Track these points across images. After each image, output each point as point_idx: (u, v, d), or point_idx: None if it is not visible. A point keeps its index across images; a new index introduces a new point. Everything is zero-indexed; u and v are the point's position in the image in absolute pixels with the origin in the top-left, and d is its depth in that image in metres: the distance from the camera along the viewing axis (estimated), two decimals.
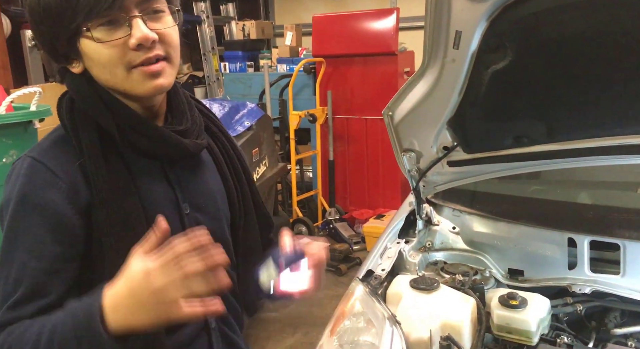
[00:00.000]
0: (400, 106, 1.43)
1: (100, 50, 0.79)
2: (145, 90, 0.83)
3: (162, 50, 0.81)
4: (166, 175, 0.90)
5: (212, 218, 0.96)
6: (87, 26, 0.77)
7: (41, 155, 0.83)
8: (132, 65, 0.80)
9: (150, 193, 0.87)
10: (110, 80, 0.82)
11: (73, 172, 0.82)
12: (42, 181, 0.80)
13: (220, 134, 1.04)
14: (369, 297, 1.39)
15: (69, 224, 0.80)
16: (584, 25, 1.12)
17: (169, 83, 0.85)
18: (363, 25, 4.23)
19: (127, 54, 0.79)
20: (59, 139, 0.85)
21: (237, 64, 5.24)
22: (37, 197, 0.79)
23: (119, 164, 0.84)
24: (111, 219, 0.81)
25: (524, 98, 1.32)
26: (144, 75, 0.81)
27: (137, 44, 0.78)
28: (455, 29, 1.19)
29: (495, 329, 1.34)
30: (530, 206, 1.74)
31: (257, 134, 2.88)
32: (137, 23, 0.78)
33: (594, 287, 1.41)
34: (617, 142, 1.33)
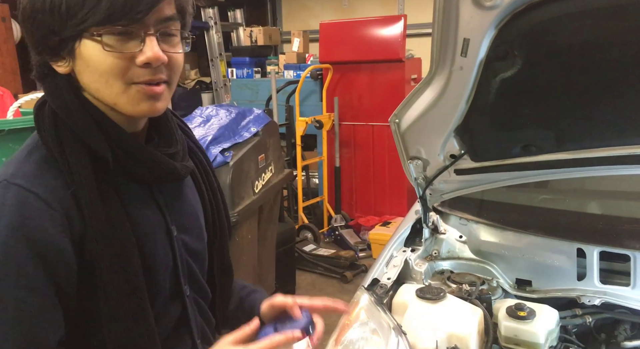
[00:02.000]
0: (407, 114, 1.42)
1: (103, 58, 0.73)
2: (138, 110, 0.78)
3: (166, 74, 0.78)
4: (155, 198, 0.86)
5: (197, 238, 0.94)
6: (99, 31, 0.72)
7: (29, 183, 0.74)
8: (133, 82, 0.75)
9: (141, 219, 0.83)
10: (101, 91, 0.76)
11: (65, 201, 0.75)
12: (34, 211, 0.72)
13: (197, 150, 0.99)
14: (374, 306, 1.37)
15: (66, 258, 0.75)
16: (595, 33, 1.11)
17: (163, 107, 0.81)
18: (370, 32, 4.23)
19: (131, 68, 0.74)
20: (44, 162, 0.77)
21: (244, 70, 5.26)
22: (30, 230, 0.72)
23: (111, 191, 0.78)
24: (108, 251, 0.77)
25: (533, 106, 1.30)
26: (142, 94, 0.76)
27: (145, 62, 0.74)
28: (464, 37, 1.18)
29: (502, 341, 1.31)
30: (539, 215, 1.72)
31: (264, 140, 2.87)
32: (152, 41, 0.74)
33: (603, 298, 1.38)
34: (627, 152, 1.31)
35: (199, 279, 0.95)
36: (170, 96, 0.81)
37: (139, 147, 0.81)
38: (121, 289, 0.77)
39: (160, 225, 0.86)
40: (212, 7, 5.76)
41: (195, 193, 0.97)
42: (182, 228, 0.90)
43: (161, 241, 0.85)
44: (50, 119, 0.78)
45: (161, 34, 0.76)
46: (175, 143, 0.88)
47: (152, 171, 0.82)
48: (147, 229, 0.83)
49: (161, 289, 0.85)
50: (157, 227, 0.85)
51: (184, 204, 0.92)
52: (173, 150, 0.87)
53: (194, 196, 0.96)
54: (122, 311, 0.78)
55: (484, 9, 1.12)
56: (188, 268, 0.91)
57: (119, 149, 0.79)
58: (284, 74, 5.01)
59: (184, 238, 0.90)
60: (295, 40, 5.21)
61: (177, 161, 0.87)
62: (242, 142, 2.70)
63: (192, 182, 0.96)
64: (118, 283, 0.77)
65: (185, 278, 0.90)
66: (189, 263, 0.91)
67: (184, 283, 0.90)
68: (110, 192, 0.78)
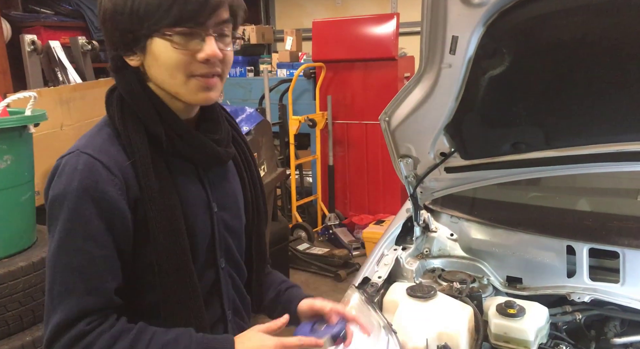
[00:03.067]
0: (397, 112, 1.42)
1: (171, 54, 0.86)
2: (196, 99, 0.91)
3: (220, 68, 0.90)
4: (200, 177, 0.98)
5: (235, 217, 1.05)
6: (170, 31, 0.84)
7: (96, 152, 0.88)
8: (193, 75, 0.88)
9: (186, 192, 0.95)
10: (167, 82, 0.89)
11: (125, 170, 0.89)
12: (100, 176, 0.86)
13: (241, 141, 1.11)
14: (365, 305, 1.37)
15: (124, 218, 0.88)
16: (582, 30, 1.11)
17: (216, 97, 0.93)
18: (363, 30, 4.23)
19: (192, 63, 0.87)
20: (109, 137, 0.91)
21: (237, 69, 5.24)
22: (98, 192, 0.85)
23: (163, 166, 0.92)
24: (160, 215, 0.89)
25: (522, 104, 1.30)
26: (200, 85, 0.89)
27: (206, 58, 0.86)
28: (452, 34, 1.18)
29: (492, 339, 1.32)
30: (529, 213, 1.73)
31: (256, 139, 2.86)
32: (211, 40, 0.87)
33: (593, 295, 1.39)
34: (616, 149, 1.32)
35: (234, 254, 1.05)
36: (222, 88, 0.94)
37: (189, 131, 0.94)
38: (169, 247, 0.90)
39: (202, 200, 0.97)
40: None
41: (236, 178, 1.07)
42: (223, 206, 1.01)
43: (202, 213, 0.97)
44: (118, 103, 0.93)
45: (218, 35, 0.88)
46: (220, 131, 1.00)
47: (198, 152, 0.95)
48: (191, 201, 0.95)
49: (199, 255, 0.96)
50: (200, 201, 0.97)
51: (226, 186, 1.04)
52: (218, 136, 0.98)
53: (235, 181, 1.07)
54: (171, 266, 0.90)
55: (472, 6, 1.12)
56: (225, 242, 1.02)
57: (171, 131, 0.92)
58: (277, 72, 4.99)
59: (223, 215, 1.01)
60: (288, 39, 5.19)
61: (221, 146, 0.99)
62: None
63: (234, 169, 1.08)
64: (167, 242, 0.89)
65: (222, 250, 1.01)
66: (225, 237, 1.02)
67: (219, 255, 1.00)
68: (162, 167, 0.92)
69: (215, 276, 1.01)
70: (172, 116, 0.93)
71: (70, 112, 2.74)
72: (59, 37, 3.93)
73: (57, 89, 2.75)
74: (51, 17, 4.72)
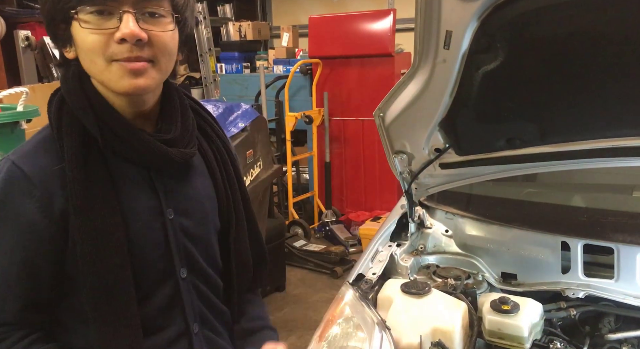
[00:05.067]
0: (392, 107, 1.41)
1: (85, 36, 0.79)
2: (122, 86, 0.81)
3: (148, 53, 0.80)
4: (151, 181, 0.89)
5: (198, 223, 0.95)
6: (76, 10, 0.77)
7: (20, 159, 0.82)
8: (113, 59, 0.79)
9: (131, 200, 0.86)
10: (91, 70, 0.82)
11: (50, 178, 0.81)
12: (17, 188, 0.80)
13: (217, 137, 1.02)
14: (359, 302, 1.36)
15: (39, 232, 0.81)
16: (576, 25, 1.10)
17: (148, 85, 0.83)
18: (360, 27, 4.21)
19: (111, 46, 0.78)
20: (44, 140, 0.84)
21: (234, 65, 5.23)
22: (11, 205, 0.80)
23: (101, 171, 0.83)
24: (86, 226, 0.81)
25: (516, 99, 1.29)
26: (122, 70, 0.80)
27: (120, 38, 0.78)
28: (446, 29, 1.17)
29: (487, 335, 1.31)
30: (524, 209, 1.72)
31: (252, 136, 2.85)
32: (127, 18, 0.78)
33: (587, 291, 1.38)
34: (611, 144, 1.31)
35: (199, 264, 0.96)
36: (161, 76, 0.84)
37: (127, 130, 0.84)
38: (100, 263, 0.81)
39: (152, 207, 0.88)
40: (201, 2, 5.70)
41: (205, 180, 0.98)
42: (183, 212, 0.92)
43: (152, 221, 0.88)
44: (57, 104, 0.85)
45: (141, 14, 0.79)
46: (175, 129, 0.90)
47: (140, 153, 0.86)
48: (136, 209, 0.86)
49: (150, 268, 0.88)
50: (149, 209, 0.88)
51: (188, 189, 0.94)
52: (171, 136, 0.89)
53: (203, 183, 0.97)
54: (101, 283, 0.82)
55: (465, 0, 1.11)
56: (186, 251, 0.93)
57: (107, 130, 0.83)
58: (274, 69, 4.98)
59: (182, 222, 0.92)
60: (284, 35, 5.17)
61: (175, 146, 0.88)
62: (230, 138, 2.67)
63: (204, 169, 0.98)
64: (96, 256, 0.81)
65: (182, 260, 0.92)
66: (186, 246, 0.93)
67: (178, 265, 0.92)
68: (98, 171, 0.82)
69: (174, 287, 0.92)
70: (109, 112, 0.84)
71: None
72: None
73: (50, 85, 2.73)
74: None
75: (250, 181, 2.82)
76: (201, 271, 0.97)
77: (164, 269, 0.90)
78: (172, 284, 0.92)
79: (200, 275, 0.97)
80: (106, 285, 0.82)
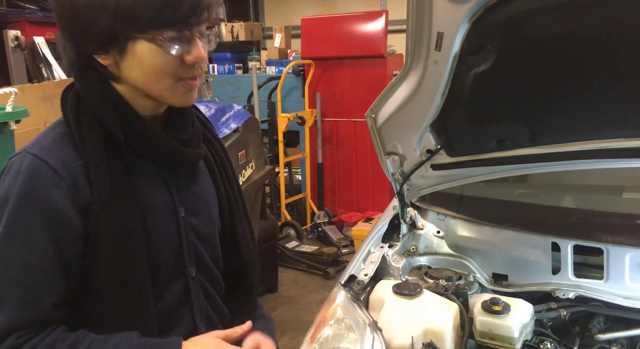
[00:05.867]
0: (383, 109, 1.41)
1: (157, 58, 0.81)
2: (183, 101, 0.88)
3: (200, 70, 0.87)
4: (164, 179, 0.92)
5: (206, 222, 0.98)
6: (160, 35, 0.79)
7: (43, 153, 0.82)
8: (180, 78, 0.84)
9: (148, 196, 0.89)
10: (151, 85, 0.84)
11: (75, 171, 0.83)
12: (44, 180, 0.80)
13: (215, 141, 1.05)
14: (350, 303, 1.36)
15: (70, 224, 0.82)
16: (566, 27, 1.11)
17: (196, 96, 0.90)
18: (352, 28, 4.22)
19: (180, 66, 0.83)
20: (61, 136, 0.85)
21: (226, 66, 5.21)
22: (40, 196, 0.80)
23: (121, 167, 0.86)
24: (111, 221, 0.83)
25: (507, 101, 1.30)
26: (187, 88, 0.86)
27: (194, 61, 0.83)
28: (437, 31, 1.18)
29: (477, 336, 1.31)
30: (515, 210, 1.73)
31: (244, 137, 2.84)
32: (198, 43, 0.83)
33: (577, 292, 1.39)
34: (600, 145, 1.32)
35: (207, 263, 0.98)
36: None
37: (149, 130, 0.88)
38: (121, 258, 0.83)
39: (167, 204, 0.91)
40: None
41: (209, 181, 1.01)
42: (192, 211, 0.95)
43: (167, 218, 0.90)
44: (74, 100, 0.86)
45: (200, 35, 0.84)
46: (189, 130, 0.94)
47: (161, 153, 0.89)
48: (153, 205, 0.89)
49: (163, 265, 0.90)
50: (164, 205, 0.91)
51: (196, 189, 0.97)
52: (185, 136, 0.92)
53: (207, 184, 1.01)
54: (121, 279, 0.83)
55: (457, 2, 1.11)
56: (195, 249, 0.95)
57: (129, 130, 0.86)
58: (266, 70, 4.97)
59: (192, 220, 0.94)
60: (277, 36, 5.17)
61: (189, 146, 0.93)
62: (222, 139, 2.67)
63: (206, 171, 1.01)
64: (118, 251, 0.83)
65: (191, 259, 0.94)
66: (195, 244, 0.95)
67: (189, 263, 0.94)
68: (119, 168, 0.85)
69: (184, 285, 0.94)
70: (132, 114, 0.87)
71: (54, 109, 2.69)
72: (44, 33, 3.87)
73: (40, 85, 2.70)
74: (36, 13, 4.64)
75: (243, 182, 2.81)
76: (208, 270, 0.99)
77: (175, 266, 0.92)
78: (182, 282, 0.94)
79: (207, 274, 0.99)
80: (126, 281, 0.84)
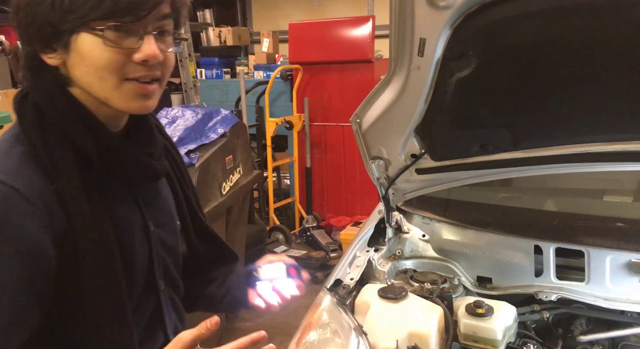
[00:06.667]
0: (368, 113, 1.42)
1: (101, 52, 0.74)
2: (131, 106, 0.79)
3: (160, 72, 0.79)
4: (133, 194, 0.88)
5: (172, 234, 0.97)
6: (101, 26, 0.72)
7: (9, 177, 0.73)
8: (127, 77, 0.76)
9: (121, 214, 0.84)
10: (95, 85, 0.76)
11: (46, 196, 0.75)
12: (14, 208, 0.71)
13: (172, 149, 1.01)
14: (336, 307, 1.36)
15: (44, 255, 0.74)
16: (546, 33, 1.13)
17: (154, 105, 0.81)
18: (339, 33, 4.24)
19: (127, 65, 0.76)
20: (24, 157, 0.76)
21: (214, 71, 5.21)
22: (11, 227, 0.71)
23: (93, 187, 0.79)
24: (92, 246, 0.77)
25: (489, 106, 1.32)
26: (135, 91, 0.78)
27: (143, 59, 0.76)
28: (420, 36, 1.19)
29: (462, 338, 1.33)
30: (499, 213, 1.75)
31: (231, 142, 2.83)
32: (150, 39, 0.76)
33: (560, 294, 1.41)
34: (581, 150, 1.34)
35: (172, 273, 0.96)
36: (160, 94, 0.83)
37: (122, 147, 0.83)
38: (103, 283, 0.79)
39: (138, 221, 0.87)
40: None
41: (168, 191, 0.98)
42: (159, 224, 0.92)
43: (139, 237, 0.87)
44: (34, 114, 0.78)
45: (158, 33, 0.77)
46: (154, 142, 0.89)
47: (133, 169, 0.85)
48: (126, 224, 0.85)
49: (136, 284, 0.86)
50: (136, 223, 0.87)
51: (160, 201, 0.95)
52: (152, 149, 0.88)
53: (167, 193, 0.98)
54: (103, 305, 0.79)
55: (438, 8, 1.12)
56: (163, 262, 0.93)
57: (103, 148, 0.79)
58: (254, 74, 4.97)
59: (160, 233, 0.92)
60: (264, 41, 5.18)
61: (155, 160, 0.89)
62: (209, 144, 2.66)
63: (166, 182, 0.98)
64: (101, 277, 0.78)
65: (160, 272, 0.92)
66: (164, 257, 0.93)
67: (158, 277, 0.91)
68: (92, 189, 0.79)
69: (156, 300, 0.91)
70: (101, 127, 0.80)
71: None
72: None
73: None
74: None
75: (230, 187, 2.80)
76: (174, 281, 0.97)
77: (148, 283, 0.89)
78: (153, 297, 0.91)
79: (172, 285, 0.97)
80: (107, 305, 0.79)
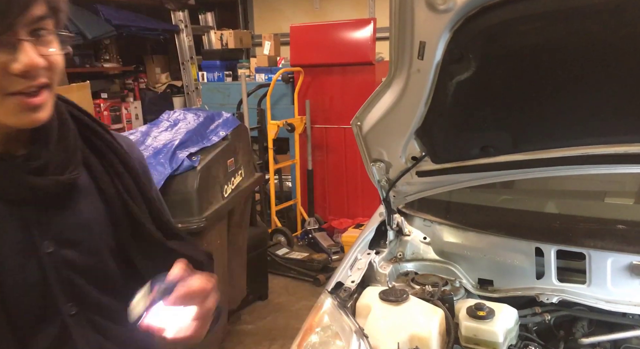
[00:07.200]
0: (369, 116, 1.42)
1: None
2: (19, 122, 0.72)
3: (46, 77, 0.71)
4: (19, 216, 0.77)
5: (87, 253, 0.84)
6: None
7: None
8: (8, 92, 0.69)
9: None
10: None
11: None
12: None
13: (108, 149, 0.89)
14: (337, 310, 1.37)
15: None
16: (545, 36, 1.13)
17: (47, 116, 0.74)
18: (341, 35, 4.25)
19: (5, 78, 0.68)
20: None
21: (215, 74, 5.22)
22: None
23: None
24: None
25: (489, 108, 1.32)
26: (21, 106, 0.70)
27: (22, 70, 0.68)
28: (420, 40, 1.19)
29: (463, 341, 1.33)
30: (500, 215, 1.75)
31: (233, 144, 2.84)
32: (26, 47, 0.68)
33: (561, 296, 1.41)
34: (582, 152, 1.34)
35: (92, 295, 0.85)
36: (54, 100, 0.75)
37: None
38: None
39: (20, 243, 0.77)
40: (183, 10, 5.69)
41: (95, 200, 0.86)
42: (64, 243, 0.81)
43: (19, 260, 0.77)
44: None
45: (34, 36, 0.69)
46: (47, 152, 0.78)
47: (12, 192, 0.75)
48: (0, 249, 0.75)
49: (27, 310, 0.78)
50: (15, 246, 0.77)
51: (69, 217, 0.83)
52: (41, 162, 0.77)
53: (90, 205, 0.85)
54: None
55: (437, 12, 1.13)
56: (71, 286, 0.82)
57: None
58: (255, 77, 4.98)
59: (66, 254, 0.81)
60: (266, 44, 5.19)
61: (48, 174, 0.78)
62: (210, 147, 2.67)
63: (92, 189, 0.86)
64: None
65: (67, 296, 0.82)
66: (72, 280, 0.82)
67: (63, 303, 0.81)
68: None
69: (60, 326, 0.81)
70: None
71: None
72: None
73: None
74: None
75: (232, 190, 2.81)
76: (95, 302, 0.86)
77: (44, 309, 0.80)
78: (56, 323, 0.81)
79: (94, 307, 0.86)
80: None
